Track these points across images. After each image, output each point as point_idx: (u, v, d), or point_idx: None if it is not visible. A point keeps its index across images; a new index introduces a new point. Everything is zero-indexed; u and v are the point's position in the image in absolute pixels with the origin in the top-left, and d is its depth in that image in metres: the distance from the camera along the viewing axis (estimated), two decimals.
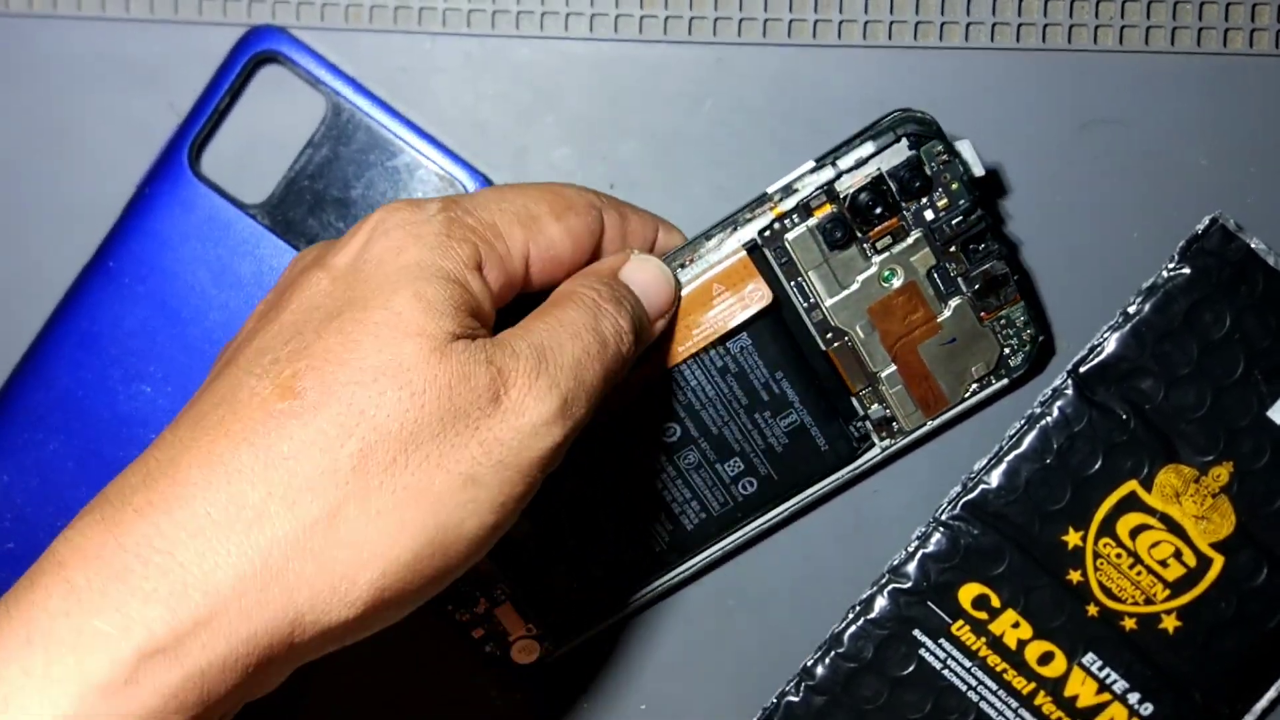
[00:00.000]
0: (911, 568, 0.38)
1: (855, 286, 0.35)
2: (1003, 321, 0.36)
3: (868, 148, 0.34)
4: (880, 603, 0.39)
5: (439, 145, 0.38)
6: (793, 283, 0.35)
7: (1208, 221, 0.38)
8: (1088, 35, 0.39)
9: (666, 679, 0.40)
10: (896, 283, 0.35)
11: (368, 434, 0.26)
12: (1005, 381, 0.37)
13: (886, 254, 0.35)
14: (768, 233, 0.34)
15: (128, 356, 0.38)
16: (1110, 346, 0.38)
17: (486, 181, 0.38)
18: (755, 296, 0.35)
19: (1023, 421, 0.38)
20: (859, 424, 0.37)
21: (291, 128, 0.38)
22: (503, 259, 0.30)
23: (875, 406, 0.37)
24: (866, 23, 0.39)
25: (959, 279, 0.35)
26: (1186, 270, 0.38)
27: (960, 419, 0.38)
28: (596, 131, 0.39)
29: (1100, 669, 0.38)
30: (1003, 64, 0.39)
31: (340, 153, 0.38)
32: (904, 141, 0.34)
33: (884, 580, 0.39)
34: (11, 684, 0.23)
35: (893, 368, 0.36)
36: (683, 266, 0.34)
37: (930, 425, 0.37)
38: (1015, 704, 0.38)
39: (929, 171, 0.34)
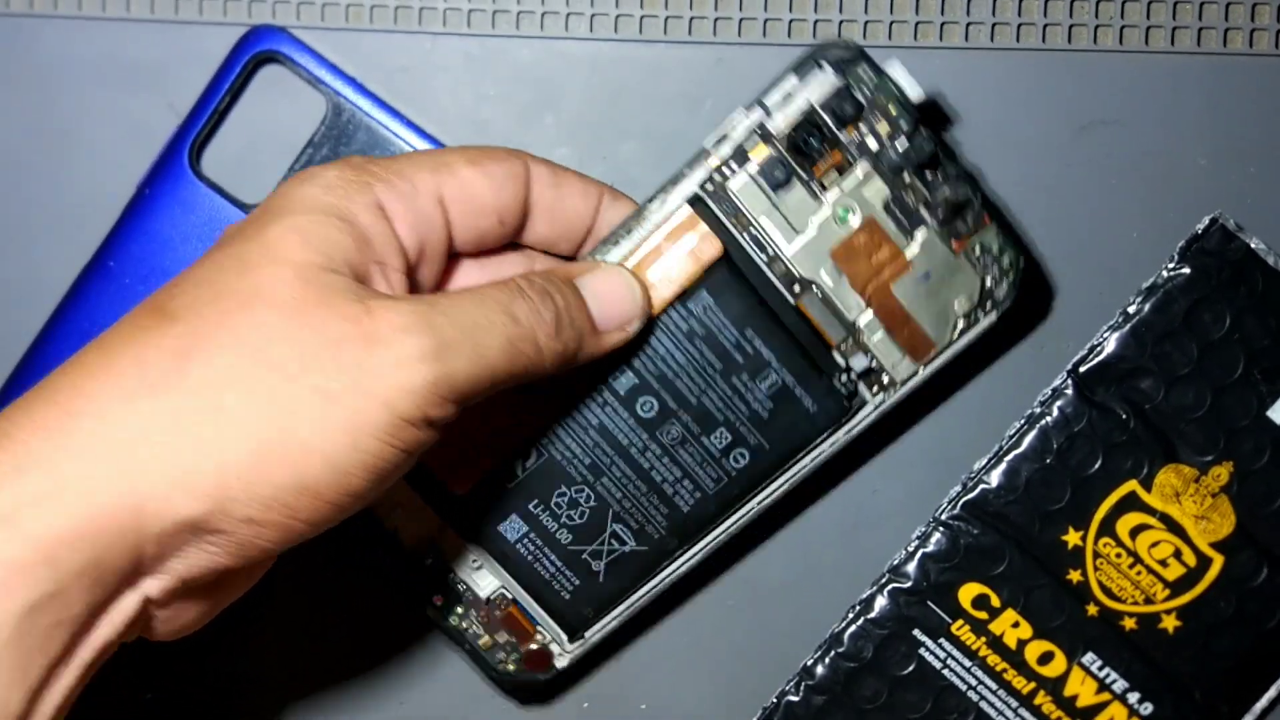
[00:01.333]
0: (911, 567, 0.38)
1: (812, 231, 0.34)
2: (977, 250, 0.34)
3: (791, 81, 0.33)
4: (880, 602, 0.39)
5: (439, 145, 0.38)
6: (746, 234, 0.34)
7: (1207, 221, 0.38)
8: (1088, 35, 0.39)
9: (666, 679, 0.40)
10: (854, 221, 0.34)
11: (217, 339, 0.26)
12: (994, 316, 0.35)
13: (836, 191, 0.33)
14: (709, 185, 0.33)
15: None
16: (1110, 346, 0.38)
17: None
18: (705, 248, 0.33)
19: (1022, 421, 0.38)
20: (844, 379, 0.35)
21: (292, 128, 0.38)
22: (406, 196, 0.30)
23: (858, 357, 0.35)
24: (867, 23, 0.39)
25: (920, 208, 0.34)
26: (1186, 270, 0.38)
27: (955, 366, 0.35)
28: (596, 131, 0.39)
29: (1100, 669, 0.38)
30: (1003, 64, 0.39)
31: (340, 153, 0.38)
32: (829, 70, 0.33)
33: (884, 580, 0.39)
34: None
35: (870, 313, 0.34)
36: (629, 232, 0.33)
37: (923, 373, 0.35)
38: (1015, 704, 0.38)
39: (860, 97, 0.33)
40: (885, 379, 0.35)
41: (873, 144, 0.33)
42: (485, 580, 0.37)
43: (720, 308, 0.34)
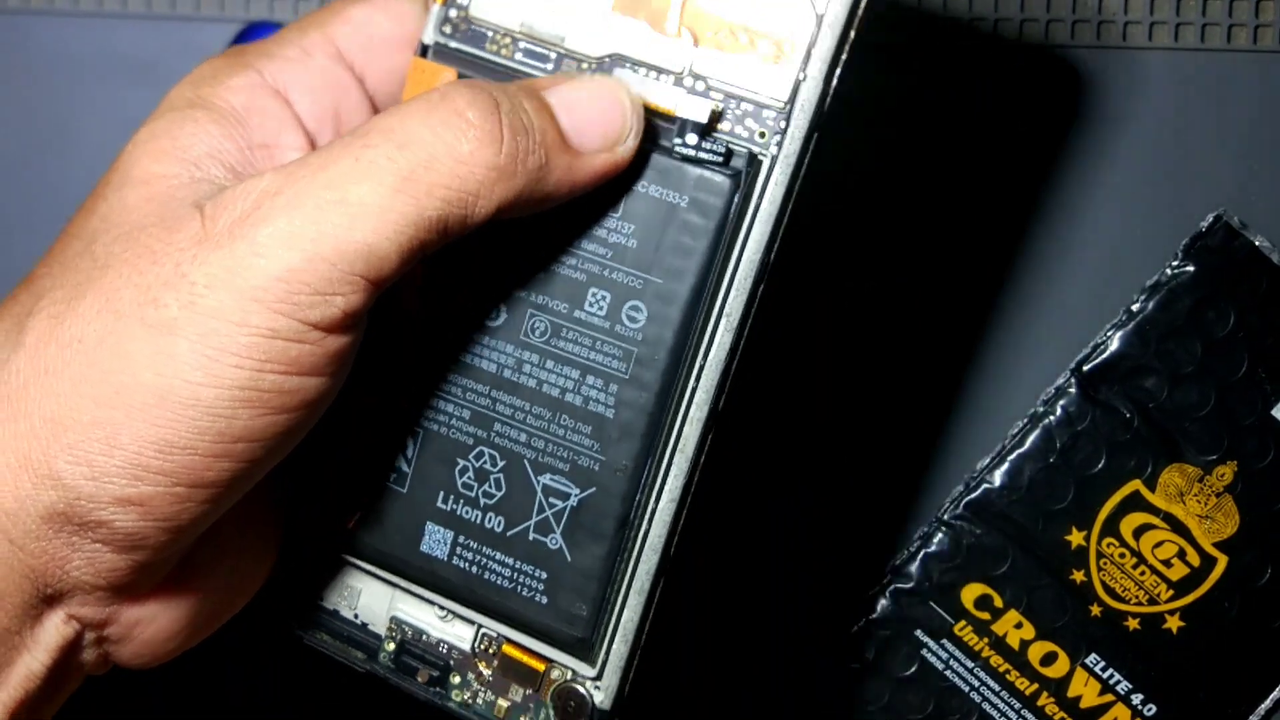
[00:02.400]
0: (914, 568, 0.38)
1: (581, 4, 0.27)
2: None
3: None
4: (882, 603, 0.38)
5: None
6: (518, 53, 0.27)
7: (1211, 219, 0.38)
8: (1090, 32, 0.39)
9: (667, 678, 0.40)
10: None
11: (53, 295, 0.23)
12: None
13: None
14: (446, 27, 0.27)
15: None
16: (1114, 345, 0.38)
17: None
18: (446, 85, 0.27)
19: (1025, 420, 0.38)
20: (687, 141, 0.26)
21: None
22: (297, 61, 0.26)
23: (699, 104, 0.26)
24: None
25: None
26: (1190, 268, 0.37)
27: (843, 52, 0.26)
28: None
29: (1103, 669, 0.38)
30: (1008, 60, 0.39)
31: None
32: None
33: (886, 580, 0.38)
34: None
35: (696, 47, 0.26)
36: None
37: (813, 74, 0.26)
38: (1018, 705, 0.38)
39: None
40: (766, 114, 0.26)
41: None
42: (459, 629, 0.29)
43: None
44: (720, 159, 0.26)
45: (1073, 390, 0.38)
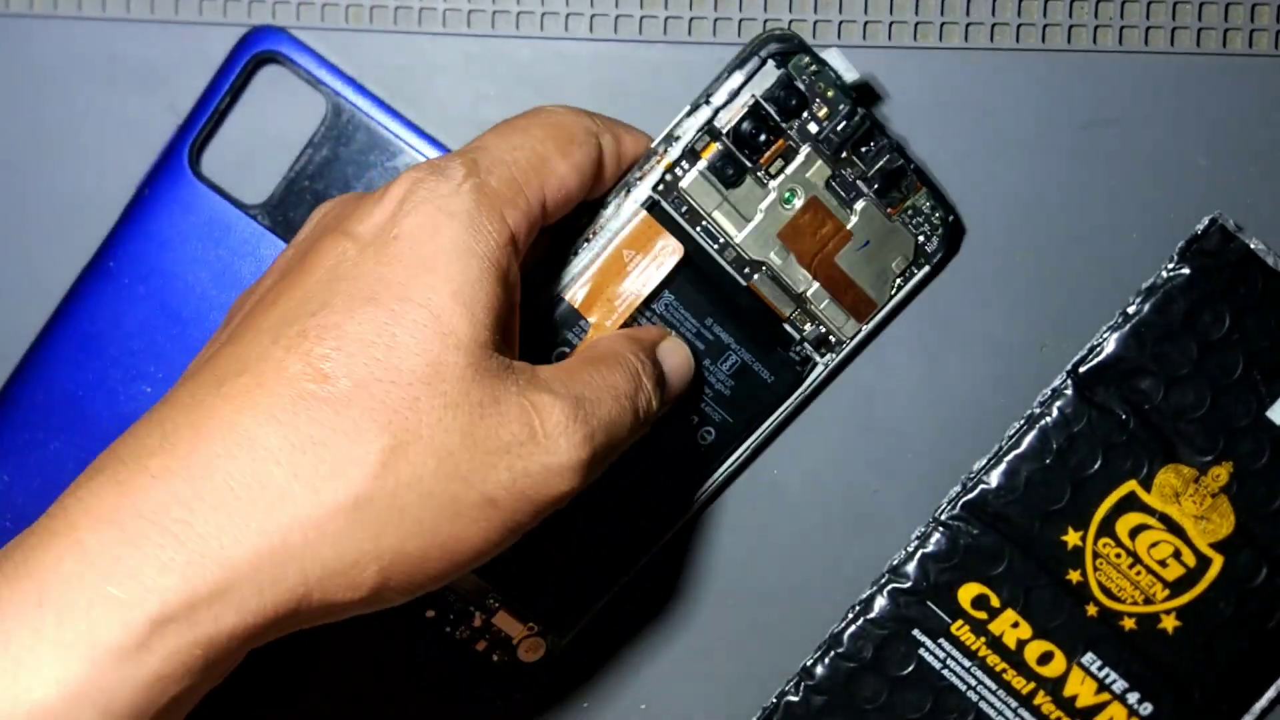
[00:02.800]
0: (911, 567, 0.38)
1: (760, 217, 0.36)
2: (910, 212, 0.37)
3: (737, 78, 0.35)
4: (880, 602, 0.39)
5: (439, 145, 0.38)
6: (698, 228, 0.35)
7: (1207, 222, 0.38)
8: (1087, 36, 0.39)
9: (666, 679, 0.40)
10: (798, 203, 0.36)
11: (400, 433, 0.26)
12: (927, 269, 0.37)
13: (781, 177, 0.35)
14: (661, 186, 0.35)
15: (128, 356, 0.38)
16: (1110, 347, 0.38)
17: None
18: (667, 252, 0.35)
19: (1022, 421, 0.38)
20: (797, 348, 0.37)
21: (292, 128, 0.38)
22: (526, 216, 0.30)
23: (809, 327, 0.37)
24: (866, 23, 0.39)
25: (858, 182, 0.36)
26: (1186, 270, 0.38)
27: (892, 318, 0.38)
28: None
29: (1100, 669, 0.38)
30: (1003, 64, 0.39)
31: (340, 153, 0.38)
32: (771, 63, 0.34)
33: (884, 580, 0.39)
34: (21, 645, 0.23)
35: (816, 285, 0.36)
36: (587, 241, 0.34)
37: (865, 329, 0.37)
38: (1015, 704, 0.38)
39: (802, 86, 0.35)
40: (832, 339, 0.37)
41: (813, 128, 0.35)
42: (477, 589, 0.37)
43: (682, 303, 0.36)
44: (800, 363, 0.37)
45: (1069, 392, 0.38)
